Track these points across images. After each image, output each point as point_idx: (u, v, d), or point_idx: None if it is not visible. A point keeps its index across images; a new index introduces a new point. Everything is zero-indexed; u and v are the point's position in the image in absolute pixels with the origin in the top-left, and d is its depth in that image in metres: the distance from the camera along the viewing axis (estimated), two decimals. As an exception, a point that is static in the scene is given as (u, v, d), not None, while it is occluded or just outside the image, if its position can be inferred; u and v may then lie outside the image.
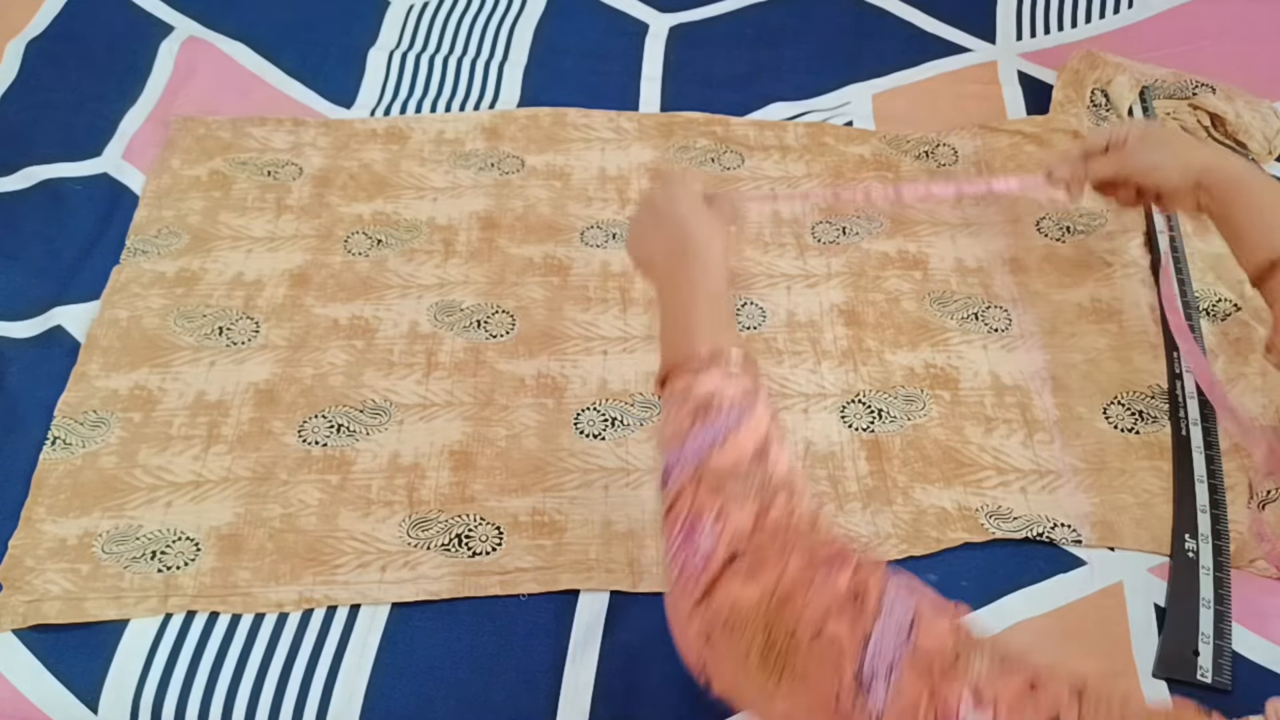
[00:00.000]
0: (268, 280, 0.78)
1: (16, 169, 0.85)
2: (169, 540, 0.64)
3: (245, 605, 0.62)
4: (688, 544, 0.46)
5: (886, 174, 0.87)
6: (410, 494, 0.67)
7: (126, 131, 0.88)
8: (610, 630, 0.62)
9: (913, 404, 0.72)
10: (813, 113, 0.93)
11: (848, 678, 0.38)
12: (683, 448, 0.48)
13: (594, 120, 0.91)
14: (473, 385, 0.72)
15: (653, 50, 1.00)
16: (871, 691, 0.38)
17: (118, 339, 0.74)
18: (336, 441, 0.69)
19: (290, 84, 0.94)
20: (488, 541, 0.65)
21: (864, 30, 1.02)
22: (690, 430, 0.48)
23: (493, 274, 0.79)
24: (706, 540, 0.45)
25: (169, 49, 0.95)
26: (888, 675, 0.38)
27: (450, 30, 1.00)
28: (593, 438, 0.70)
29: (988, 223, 0.84)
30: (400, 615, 0.62)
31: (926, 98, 0.96)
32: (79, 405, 0.70)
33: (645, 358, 0.74)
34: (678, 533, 0.46)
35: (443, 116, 0.92)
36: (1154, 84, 0.91)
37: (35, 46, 0.95)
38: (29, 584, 0.62)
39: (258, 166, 0.86)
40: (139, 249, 0.79)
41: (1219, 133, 0.89)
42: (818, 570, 0.42)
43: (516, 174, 0.87)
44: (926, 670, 0.37)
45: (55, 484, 0.66)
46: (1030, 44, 1.02)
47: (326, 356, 0.74)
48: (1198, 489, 0.66)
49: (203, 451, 0.68)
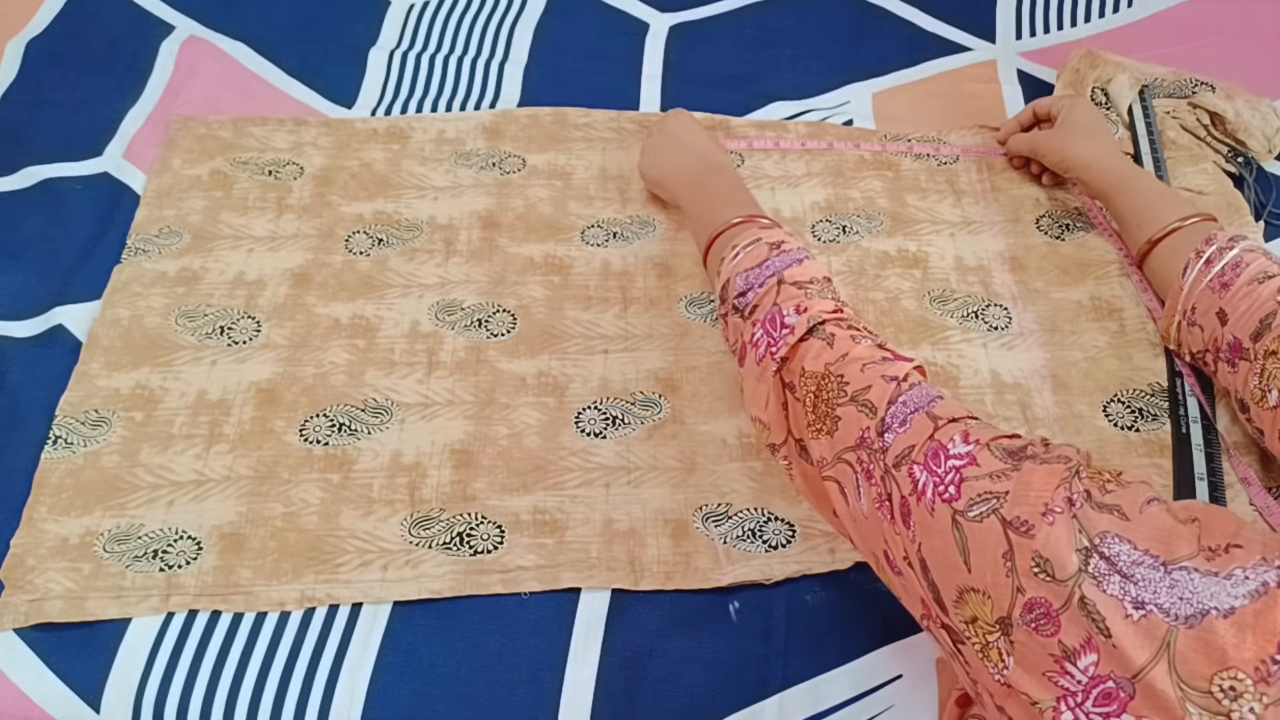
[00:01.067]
0: (269, 280, 0.78)
1: (17, 169, 0.85)
2: (171, 539, 0.64)
3: (247, 604, 0.62)
4: (772, 327, 0.57)
5: (886, 172, 0.88)
6: (412, 493, 0.67)
7: (127, 131, 0.88)
8: (612, 629, 0.62)
9: (913, 402, 0.72)
10: (812, 112, 0.94)
11: (875, 424, 0.49)
12: (762, 267, 0.61)
13: (595, 120, 0.91)
14: (474, 384, 0.72)
15: (653, 50, 1.00)
16: (888, 434, 0.48)
17: (119, 338, 0.74)
18: (338, 440, 0.69)
19: (291, 84, 0.94)
20: (489, 540, 0.65)
21: (864, 30, 1.02)
22: (768, 259, 0.61)
23: (494, 273, 0.79)
24: (790, 319, 0.57)
25: (169, 49, 0.95)
26: (902, 422, 0.48)
27: (450, 30, 1.00)
28: (594, 436, 0.70)
29: (988, 221, 0.84)
30: (402, 614, 0.62)
31: (926, 97, 0.96)
32: (80, 404, 0.70)
33: (646, 356, 0.74)
34: (763, 322, 0.58)
35: (444, 116, 0.92)
36: (1153, 83, 0.91)
37: (35, 46, 0.95)
38: (31, 583, 0.62)
39: (259, 166, 0.86)
40: (140, 248, 0.80)
41: (1219, 131, 0.90)
42: (876, 356, 0.53)
43: (518, 173, 0.87)
44: (934, 419, 0.47)
45: (57, 483, 0.66)
46: (1030, 43, 1.02)
47: (328, 356, 0.74)
48: (1198, 486, 0.66)
49: (204, 451, 0.68)
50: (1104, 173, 0.78)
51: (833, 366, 0.54)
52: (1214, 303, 0.66)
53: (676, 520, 0.66)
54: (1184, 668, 0.33)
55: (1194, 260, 0.68)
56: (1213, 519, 0.37)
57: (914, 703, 0.59)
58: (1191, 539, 0.36)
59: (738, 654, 0.61)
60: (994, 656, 0.40)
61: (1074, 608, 0.37)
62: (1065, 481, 0.40)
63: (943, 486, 0.44)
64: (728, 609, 0.63)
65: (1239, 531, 0.36)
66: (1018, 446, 0.44)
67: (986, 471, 0.43)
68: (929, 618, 0.46)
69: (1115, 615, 0.35)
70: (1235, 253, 0.66)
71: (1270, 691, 0.32)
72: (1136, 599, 0.35)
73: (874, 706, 0.59)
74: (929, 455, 0.45)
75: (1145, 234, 0.74)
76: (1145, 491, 0.39)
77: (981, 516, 0.41)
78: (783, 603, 0.63)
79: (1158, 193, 0.76)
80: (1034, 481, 0.41)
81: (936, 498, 0.44)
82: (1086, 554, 0.37)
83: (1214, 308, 0.66)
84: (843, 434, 0.51)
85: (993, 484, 0.42)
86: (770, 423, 0.58)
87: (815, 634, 0.61)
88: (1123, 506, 0.39)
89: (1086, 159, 0.79)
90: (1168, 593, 0.35)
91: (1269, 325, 0.61)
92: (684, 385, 0.73)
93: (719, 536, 0.65)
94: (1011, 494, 0.41)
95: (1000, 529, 0.40)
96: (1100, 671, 0.35)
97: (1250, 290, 0.64)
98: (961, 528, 0.42)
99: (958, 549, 0.42)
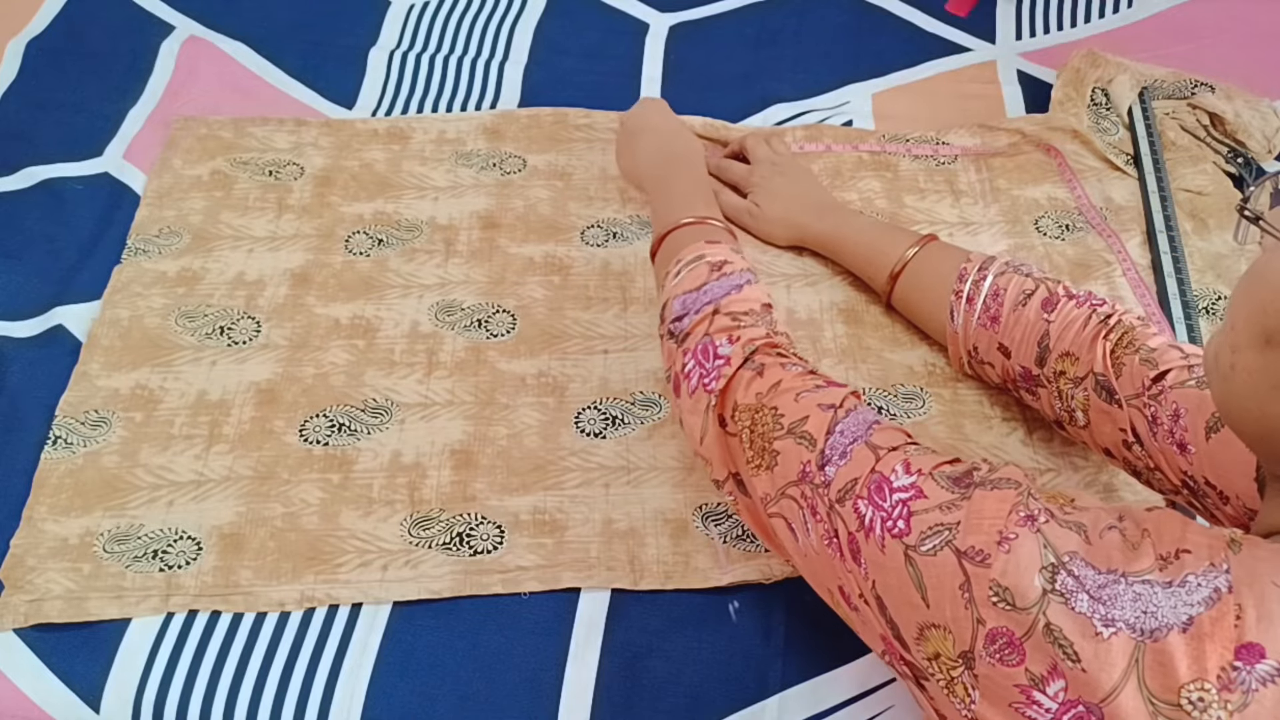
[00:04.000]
0: (269, 280, 0.78)
1: (17, 169, 0.85)
2: (170, 539, 0.64)
3: (247, 604, 0.62)
4: (704, 358, 0.56)
5: (885, 173, 0.88)
6: (411, 493, 0.67)
7: (128, 131, 0.88)
8: (611, 628, 0.62)
9: (912, 402, 0.72)
10: (812, 112, 0.94)
11: (815, 457, 0.49)
12: (700, 291, 0.59)
13: (596, 120, 0.91)
14: (474, 384, 0.72)
15: (653, 50, 1.00)
16: (829, 466, 0.48)
17: (119, 338, 0.74)
18: (338, 441, 0.69)
19: (291, 84, 0.94)
20: (489, 540, 0.65)
21: (864, 30, 1.02)
22: (706, 283, 0.59)
23: (493, 273, 0.79)
24: (724, 349, 0.55)
25: (170, 49, 0.95)
26: (841, 454, 0.48)
27: (450, 30, 1.00)
28: (594, 436, 0.70)
29: (987, 222, 0.84)
30: (402, 614, 0.62)
31: (926, 97, 0.96)
32: (80, 405, 0.70)
33: (646, 356, 0.74)
34: (695, 352, 0.57)
35: (445, 116, 0.92)
36: (1153, 84, 0.91)
37: (35, 46, 0.95)
38: (30, 583, 0.62)
39: (259, 166, 0.86)
40: (140, 248, 0.80)
41: (1218, 132, 0.90)
42: (809, 384, 0.52)
43: (518, 174, 0.87)
44: (874, 450, 0.47)
45: (56, 483, 0.66)
46: (1030, 44, 1.02)
47: (328, 356, 0.74)
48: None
49: (204, 451, 0.68)
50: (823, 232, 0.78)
51: (764, 398, 0.53)
52: (991, 339, 0.67)
53: (676, 520, 0.66)
54: (1153, 682, 0.34)
55: (955, 302, 0.68)
56: (1161, 525, 0.38)
57: (914, 703, 0.59)
58: (1149, 552, 0.36)
59: (738, 654, 0.61)
60: (959, 692, 0.40)
61: (1038, 634, 0.36)
62: (1017, 505, 0.40)
63: (890, 521, 0.43)
64: (728, 609, 0.63)
65: (1185, 535, 0.37)
66: (961, 472, 0.44)
67: (935, 503, 0.42)
68: (890, 654, 0.45)
69: (1085, 635, 0.35)
70: (990, 282, 0.67)
71: (1233, 698, 0.32)
72: (1105, 617, 0.35)
73: (874, 706, 0.59)
74: (872, 489, 0.45)
75: (883, 271, 0.74)
76: (1105, 518, 0.39)
77: (935, 550, 0.40)
78: (782, 603, 0.63)
79: (877, 228, 0.77)
80: (985, 510, 0.40)
81: (886, 533, 0.43)
82: (1054, 571, 0.37)
83: (994, 344, 0.67)
84: (783, 469, 0.50)
85: (943, 515, 0.41)
86: (710, 458, 0.56)
87: (815, 634, 0.61)
88: (1087, 528, 0.38)
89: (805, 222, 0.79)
90: (1132, 607, 0.35)
91: (1047, 348, 0.62)
92: (684, 385, 0.73)
93: (719, 535, 0.65)
94: (963, 524, 0.40)
95: (955, 561, 0.39)
96: (1069, 697, 0.35)
97: (1018, 316, 0.64)
98: (915, 563, 0.41)
99: (914, 585, 0.41)
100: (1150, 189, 0.85)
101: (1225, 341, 0.39)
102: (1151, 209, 0.83)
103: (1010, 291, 0.66)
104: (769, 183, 0.81)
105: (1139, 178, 0.87)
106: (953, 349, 0.71)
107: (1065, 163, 0.88)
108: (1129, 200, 0.86)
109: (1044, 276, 0.66)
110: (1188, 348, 0.58)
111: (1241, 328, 0.37)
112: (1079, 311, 0.62)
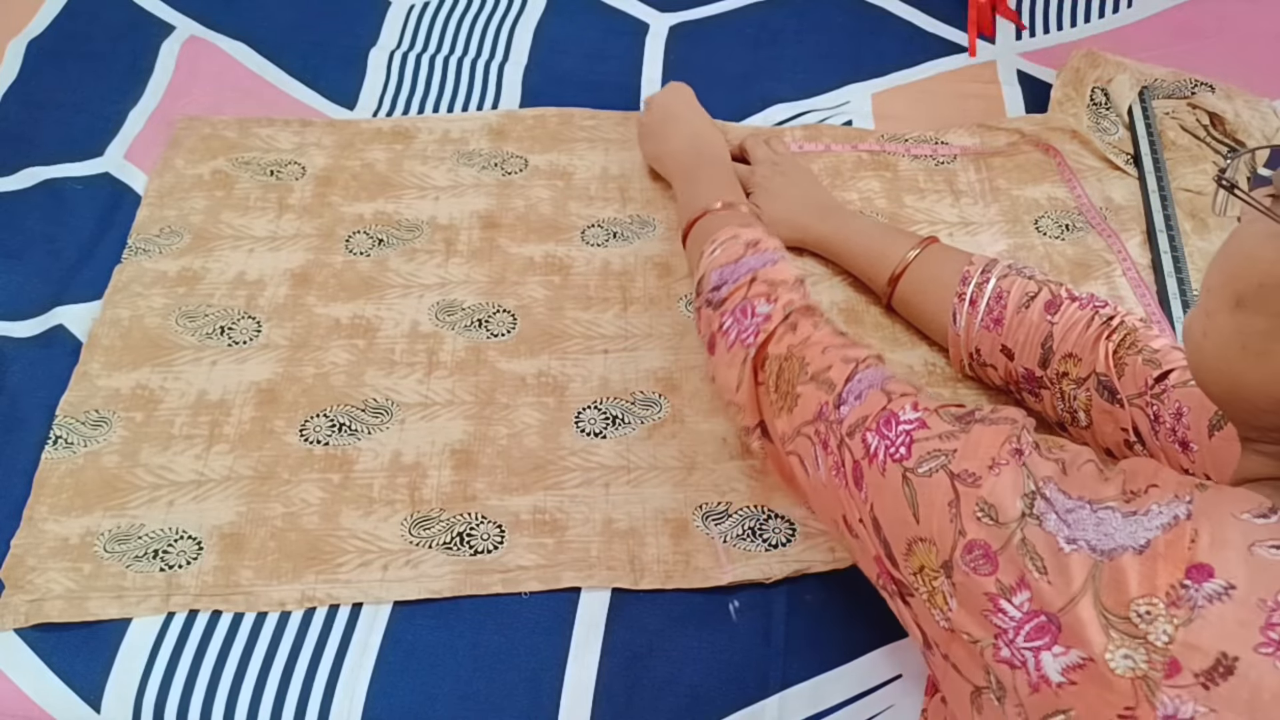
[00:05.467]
0: (269, 280, 0.78)
1: (17, 169, 0.85)
2: (171, 539, 0.64)
3: (247, 604, 0.62)
4: (743, 317, 0.59)
5: (884, 173, 0.88)
6: (412, 493, 0.67)
7: (128, 131, 0.88)
8: (612, 628, 0.62)
9: (913, 402, 0.72)
10: (812, 112, 0.94)
11: (832, 399, 0.51)
12: (738, 264, 0.62)
13: (600, 121, 0.91)
14: (474, 384, 0.72)
15: (653, 50, 1.00)
16: (844, 406, 0.51)
17: (119, 338, 0.74)
18: (338, 441, 0.69)
19: (291, 84, 0.94)
20: (489, 540, 0.65)
21: (864, 30, 1.02)
22: (744, 256, 0.62)
23: (494, 273, 0.79)
24: (763, 308, 0.59)
25: (170, 49, 0.95)
26: (858, 396, 0.50)
27: (450, 30, 1.00)
28: (594, 436, 0.70)
29: (986, 222, 0.84)
30: (402, 614, 0.62)
31: (926, 97, 0.96)
32: (80, 405, 0.70)
33: (646, 356, 0.74)
34: (734, 311, 0.60)
35: (449, 117, 0.92)
36: (1153, 84, 0.91)
37: (36, 46, 0.95)
38: (31, 583, 0.62)
39: (261, 166, 0.86)
40: (141, 248, 0.80)
41: (1218, 132, 0.90)
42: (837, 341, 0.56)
43: (519, 174, 0.87)
44: (888, 394, 0.49)
45: (57, 483, 0.66)
46: (1030, 43, 1.02)
47: (328, 356, 0.74)
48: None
49: (204, 451, 0.68)
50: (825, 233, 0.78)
51: (795, 349, 0.57)
52: (995, 341, 0.67)
53: (676, 519, 0.66)
54: (1107, 598, 0.36)
55: (958, 305, 0.69)
56: (1136, 467, 0.40)
57: (914, 703, 0.59)
58: (1117, 484, 0.39)
59: (738, 654, 0.61)
60: (939, 601, 0.42)
61: (1013, 548, 0.39)
62: (1010, 438, 0.42)
63: (894, 448, 0.46)
64: (728, 608, 0.63)
65: (1157, 473, 0.39)
66: (965, 412, 0.46)
67: (936, 433, 0.45)
68: (883, 575, 0.48)
69: (1050, 549, 0.38)
70: (993, 285, 0.67)
71: (1179, 614, 0.34)
72: (1069, 536, 0.38)
73: (874, 706, 0.59)
74: (881, 423, 0.48)
75: (883, 273, 0.74)
76: (1086, 453, 0.42)
77: (931, 472, 0.44)
78: (783, 603, 0.63)
79: (878, 230, 0.77)
80: (982, 440, 0.43)
81: (888, 459, 0.46)
82: (1031, 498, 0.40)
83: (997, 346, 0.67)
84: (801, 410, 0.54)
85: (942, 443, 0.44)
86: (744, 405, 0.60)
87: (815, 634, 0.62)
88: (1065, 461, 0.41)
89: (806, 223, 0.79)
90: (1094, 530, 0.37)
91: (1050, 349, 0.63)
92: (684, 384, 0.73)
93: (719, 535, 0.65)
94: (960, 451, 0.43)
95: (948, 481, 0.43)
96: (1032, 608, 0.38)
97: (1021, 319, 0.65)
98: (911, 483, 0.44)
99: (907, 503, 0.44)
100: (1150, 188, 0.85)
101: (1200, 309, 0.41)
102: (1151, 208, 0.83)
103: (1013, 294, 0.66)
104: (770, 183, 0.81)
105: (1139, 177, 0.87)
106: (954, 351, 0.71)
107: (1065, 162, 0.88)
108: (1129, 200, 0.86)
109: (1046, 279, 0.66)
110: None
111: (1216, 292, 0.39)
112: (1082, 313, 0.62)
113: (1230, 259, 0.39)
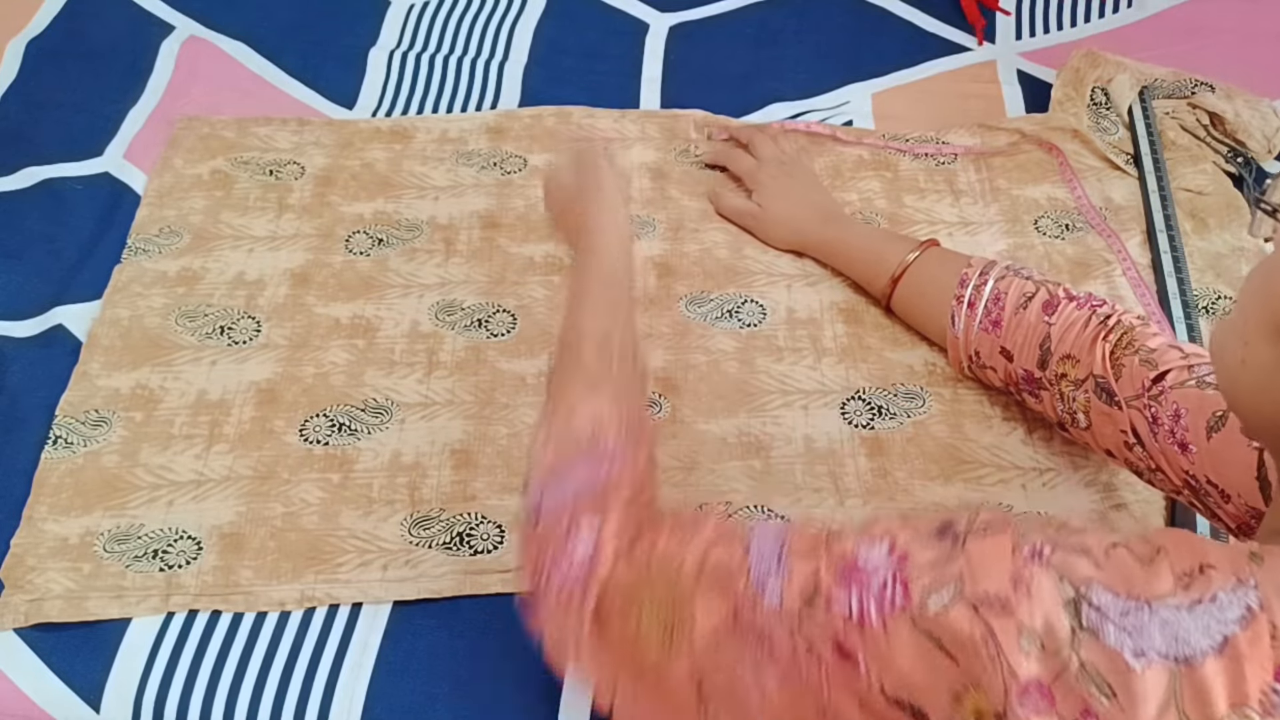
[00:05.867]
0: (269, 280, 0.78)
1: (17, 169, 0.85)
2: (171, 539, 0.64)
3: (247, 604, 0.62)
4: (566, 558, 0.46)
5: (885, 173, 0.88)
6: (412, 493, 0.67)
7: (128, 131, 0.88)
8: (612, 628, 0.62)
9: (913, 401, 0.72)
10: (812, 112, 0.94)
11: (742, 589, 0.41)
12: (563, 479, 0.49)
13: (598, 120, 0.91)
14: (474, 384, 0.72)
15: (653, 50, 1.00)
16: (767, 589, 0.40)
17: (119, 338, 0.74)
18: (338, 440, 0.69)
19: (291, 84, 0.94)
20: (489, 540, 0.65)
21: (864, 30, 1.02)
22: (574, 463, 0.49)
23: (494, 273, 0.79)
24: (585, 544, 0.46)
25: (170, 49, 0.95)
26: (777, 569, 0.40)
27: (450, 30, 1.00)
28: (594, 436, 0.70)
29: (986, 222, 0.84)
30: (402, 614, 0.62)
31: (926, 97, 0.96)
32: (80, 404, 0.70)
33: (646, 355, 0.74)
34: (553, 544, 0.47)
35: (447, 116, 0.92)
36: (1153, 83, 0.91)
37: (35, 46, 0.95)
38: (31, 583, 0.62)
39: (260, 166, 0.86)
40: (140, 248, 0.80)
41: (1218, 131, 0.90)
42: (684, 530, 0.45)
43: (519, 174, 0.87)
44: (810, 552, 0.40)
45: (57, 483, 0.66)
46: (1030, 43, 1.02)
47: (328, 356, 0.74)
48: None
49: (204, 451, 0.68)
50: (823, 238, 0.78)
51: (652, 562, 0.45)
52: (994, 343, 0.67)
53: (676, 520, 0.66)
54: (1193, 712, 0.32)
55: (956, 307, 0.69)
56: (1177, 543, 0.36)
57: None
58: (1166, 573, 0.34)
59: (738, 654, 0.61)
60: None
61: (1070, 676, 0.33)
62: (1018, 544, 0.36)
63: (884, 598, 0.37)
64: (728, 609, 0.63)
65: (1206, 551, 0.35)
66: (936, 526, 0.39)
67: (925, 561, 0.37)
68: None
69: (1117, 669, 0.33)
70: (991, 286, 0.67)
71: None
72: (1135, 648, 0.33)
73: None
74: (839, 577, 0.39)
75: (882, 276, 0.74)
76: (1105, 536, 0.37)
77: (946, 608, 0.36)
78: (783, 602, 0.63)
79: (877, 235, 0.77)
80: (987, 553, 0.36)
81: (885, 614, 0.37)
82: (1075, 605, 0.34)
83: (995, 348, 0.67)
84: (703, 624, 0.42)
85: (941, 571, 0.37)
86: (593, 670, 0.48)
87: (815, 634, 0.61)
88: (1091, 550, 0.36)
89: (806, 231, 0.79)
90: (1162, 635, 0.33)
91: (1048, 350, 0.63)
92: (684, 384, 0.73)
93: (719, 536, 0.65)
94: (968, 575, 0.36)
95: (970, 613, 0.35)
96: None
97: (1019, 320, 0.65)
98: (926, 629, 0.36)
99: (936, 649, 0.36)
100: (1150, 188, 0.85)
101: (1234, 332, 0.37)
102: (1151, 208, 0.83)
103: (1011, 295, 0.66)
104: (774, 183, 0.81)
105: (1139, 177, 0.87)
106: (953, 353, 0.71)
107: (1066, 161, 0.88)
108: (1129, 200, 0.86)
109: (1044, 279, 0.66)
110: (1187, 347, 0.58)
111: (1253, 319, 0.36)
112: (1079, 313, 0.62)
113: (1268, 284, 0.36)
